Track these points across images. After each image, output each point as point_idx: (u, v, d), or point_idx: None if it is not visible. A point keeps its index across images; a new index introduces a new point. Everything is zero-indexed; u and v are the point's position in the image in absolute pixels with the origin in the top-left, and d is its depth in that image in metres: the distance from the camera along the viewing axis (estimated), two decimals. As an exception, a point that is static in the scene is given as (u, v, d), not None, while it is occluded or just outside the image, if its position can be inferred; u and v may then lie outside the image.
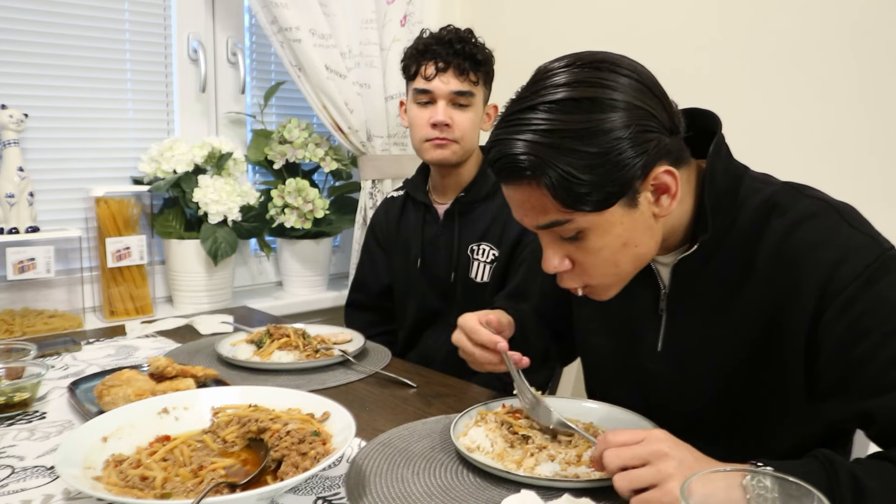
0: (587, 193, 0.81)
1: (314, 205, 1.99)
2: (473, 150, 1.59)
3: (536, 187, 0.83)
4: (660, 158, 0.84)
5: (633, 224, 0.86)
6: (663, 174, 0.84)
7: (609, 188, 0.81)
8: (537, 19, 2.17)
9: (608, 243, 0.86)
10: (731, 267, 0.92)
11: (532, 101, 0.83)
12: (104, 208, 1.74)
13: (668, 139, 0.85)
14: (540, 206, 0.85)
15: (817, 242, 0.85)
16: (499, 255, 1.52)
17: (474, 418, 1.02)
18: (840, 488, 0.74)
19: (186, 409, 0.97)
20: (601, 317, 1.10)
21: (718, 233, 0.91)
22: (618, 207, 0.84)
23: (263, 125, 2.12)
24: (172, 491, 0.78)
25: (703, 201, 0.90)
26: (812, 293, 0.84)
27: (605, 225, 0.85)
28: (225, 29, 2.04)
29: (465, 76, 1.50)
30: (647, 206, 0.86)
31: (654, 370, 1.01)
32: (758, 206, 0.91)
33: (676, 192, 0.86)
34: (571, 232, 0.86)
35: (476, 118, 1.55)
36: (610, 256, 0.87)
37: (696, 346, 0.96)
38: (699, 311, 0.95)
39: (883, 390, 0.80)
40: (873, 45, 1.49)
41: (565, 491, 0.83)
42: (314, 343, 1.41)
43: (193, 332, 1.59)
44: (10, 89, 1.70)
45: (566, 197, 0.81)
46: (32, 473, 0.90)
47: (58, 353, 1.40)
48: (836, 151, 1.55)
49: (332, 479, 0.89)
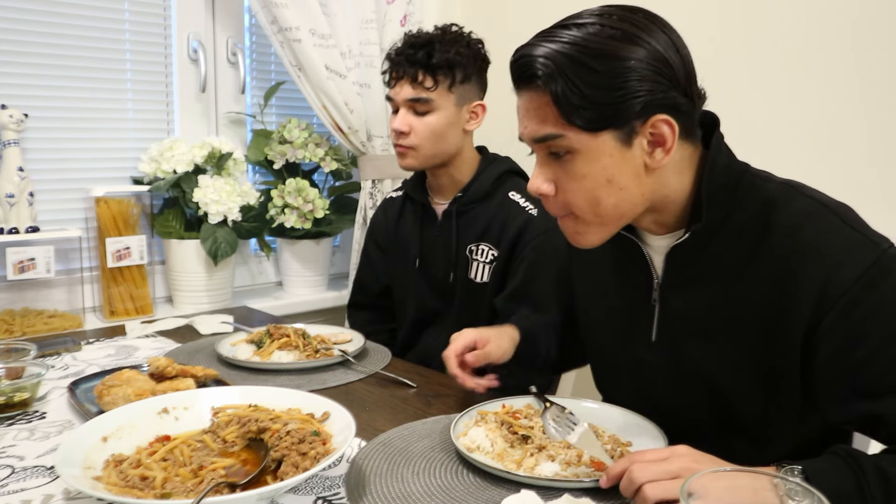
0: (583, 108, 0.84)
1: (314, 205, 1.99)
2: (444, 155, 1.54)
3: (543, 94, 0.86)
4: (665, 109, 0.85)
5: (622, 163, 0.87)
6: (663, 124, 0.86)
7: (605, 110, 0.84)
8: (537, 19, 2.16)
9: (593, 172, 0.88)
10: (727, 261, 0.92)
11: (566, 22, 0.89)
12: (104, 208, 1.74)
13: (681, 98, 0.86)
14: (541, 116, 0.88)
15: (816, 244, 0.85)
16: (498, 255, 1.52)
17: (474, 418, 1.02)
18: (867, 478, 0.76)
19: (186, 409, 0.97)
20: (601, 309, 1.11)
21: (714, 224, 0.91)
22: (610, 138, 0.86)
23: (263, 125, 2.12)
24: (172, 491, 0.78)
25: (700, 190, 0.91)
26: (811, 295, 0.84)
27: (595, 152, 0.87)
28: (225, 29, 2.04)
29: (420, 83, 1.48)
30: (641, 153, 0.87)
31: (650, 361, 1.02)
32: (756, 202, 0.91)
33: (671, 148, 0.87)
34: (562, 149, 0.88)
35: (440, 123, 1.51)
36: (592, 187, 0.88)
37: (688, 337, 0.96)
38: (692, 302, 0.95)
39: (889, 392, 0.81)
40: (873, 45, 1.49)
41: (565, 491, 0.83)
42: (314, 343, 1.42)
43: (193, 332, 1.59)
44: (10, 89, 1.70)
45: (565, 107, 0.84)
46: (32, 473, 0.90)
47: (58, 353, 1.40)
48: (836, 151, 1.55)
49: (332, 479, 0.89)
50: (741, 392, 0.94)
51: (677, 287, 0.97)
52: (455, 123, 1.53)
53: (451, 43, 1.49)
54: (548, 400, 1.06)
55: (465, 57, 1.50)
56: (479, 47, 1.55)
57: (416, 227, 1.64)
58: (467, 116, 1.54)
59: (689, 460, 0.80)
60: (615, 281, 1.07)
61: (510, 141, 2.16)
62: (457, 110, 1.52)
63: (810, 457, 0.81)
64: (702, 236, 0.92)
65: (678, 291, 0.97)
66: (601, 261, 1.09)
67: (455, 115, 1.52)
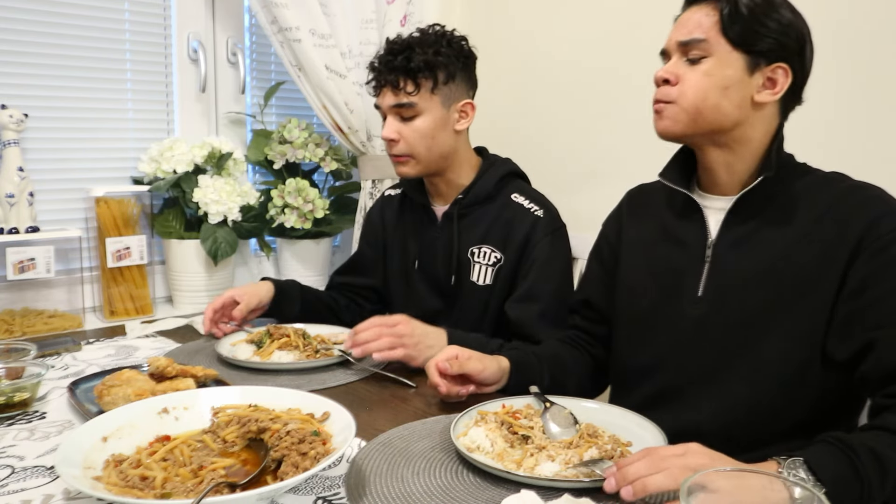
0: (733, 24, 1.03)
1: (314, 205, 1.99)
2: (440, 159, 1.53)
3: (714, 10, 1.05)
4: (789, 61, 1.04)
5: (740, 83, 1.05)
6: (780, 70, 1.04)
7: (751, 36, 1.03)
8: (537, 18, 2.17)
9: (717, 76, 1.05)
10: (781, 218, 1.06)
11: None
12: (104, 208, 1.74)
13: (799, 64, 1.06)
14: (698, 27, 1.06)
15: (867, 202, 1.01)
16: (504, 259, 1.51)
17: (474, 418, 1.02)
18: (861, 460, 0.83)
19: (186, 409, 0.97)
20: (648, 267, 1.20)
21: (776, 184, 1.06)
22: (741, 58, 1.04)
23: (263, 125, 2.13)
24: (172, 491, 0.78)
25: (772, 149, 1.08)
26: (851, 244, 0.99)
27: (726, 62, 1.04)
28: (225, 29, 2.04)
29: (401, 89, 1.47)
30: (756, 85, 1.05)
31: (693, 315, 1.11)
32: (813, 176, 1.09)
33: (779, 92, 1.05)
34: (698, 54, 1.06)
35: (428, 126, 1.49)
36: (708, 87, 1.05)
37: (734, 291, 1.07)
38: (742, 259, 1.07)
39: (889, 325, 0.94)
40: (873, 45, 1.49)
41: (565, 491, 0.83)
42: (314, 343, 1.42)
43: (193, 332, 1.59)
44: (10, 89, 1.70)
45: (726, 19, 1.03)
46: (32, 473, 0.90)
47: (58, 353, 1.40)
48: (836, 151, 1.55)
49: (332, 479, 0.89)
50: (778, 339, 1.03)
51: (730, 244, 1.09)
52: (444, 125, 1.51)
53: (430, 44, 1.47)
54: (548, 400, 1.07)
55: (447, 56, 1.48)
56: (463, 44, 1.53)
57: (415, 227, 1.64)
58: (457, 116, 1.52)
59: (705, 457, 0.82)
60: (667, 246, 1.18)
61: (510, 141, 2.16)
62: (444, 111, 1.50)
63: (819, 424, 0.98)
64: (765, 191, 1.06)
65: (730, 248, 1.09)
66: (654, 231, 1.21)
67: (443, 116, 1.50)
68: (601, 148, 1.99)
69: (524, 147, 2.01)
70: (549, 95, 2.13)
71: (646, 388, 1.16)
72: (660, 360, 1.14)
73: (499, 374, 1.20)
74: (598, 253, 1.34)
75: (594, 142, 2.00)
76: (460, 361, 1.14)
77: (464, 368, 1.14)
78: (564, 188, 2.00)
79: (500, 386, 1.22)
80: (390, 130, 1.50)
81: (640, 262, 1.22)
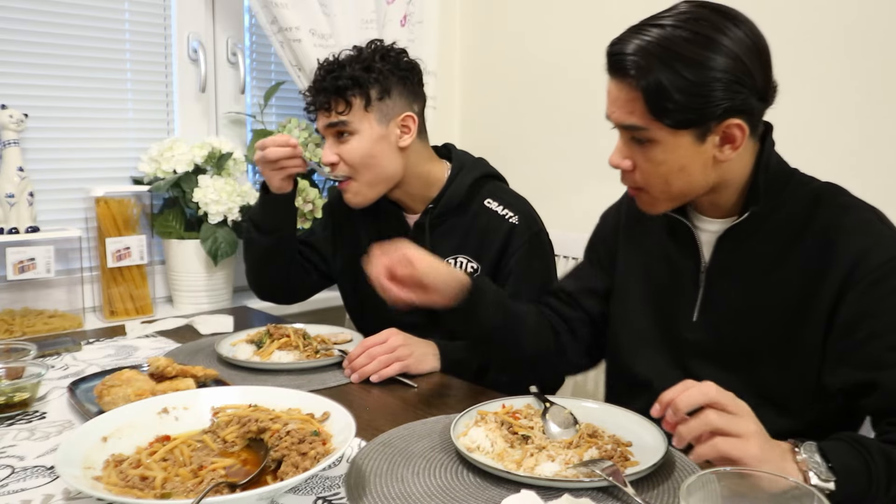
0: (671, 110, 0.94)
1: (314, 205, 1.99)
2: (386, 179, 1.46)
3: (634, 89, 0.96)
4: (740, 113, 0.95)
5: (695, 156, 0.99)
6: (735, 127, 0.96)
7: (690, 114, 0.94)
8: (537, 18, 2.17)
9: (669, 161, 0.99)
10: (773, 245, 1.03)
11: (660, 21, 0.97)
12: (104, 208, 1.74)
13: (755, 102, 0.96)
14: (629, 107, 0.98)
15: (853, 232, 0.98)
16: (480, 269, 1.46)
17: (474, 418, 1.02)
18: (873, 458, 0.84)
19: (186, 409, 0.97)
20: (643, 290, 1.19)
21: (766, 210, 1.03)
22: (689, 135, 0.97)
23: (263, 125, 2.12)
24: (172, 491, 0.78)
25: (757, 178, 1.02)
26: (842, 272, 0.96)
27: (673, 145, 0.98)
28: (225, 29, 2.04)
29: (332, 109, 1.42)
30: (712, 147, 0.98)
31: (690, 339, 1.11)
32: (804, 196, 1.04)
33: (739, 146, 0.98)
34: (645, 138, 0.99)
35: (364, 145, 1.41)
36: (666, 173, 1.01)
37: (729, 317, 1.07)
38: (736, 285, 1.06)
39: (890, 366, 0.93)
40: (873, 45, 1.49)
41: (565, 491, 0.83)
42: (314, 343, 1.41)
43: (193, 332, 1.59)
44: (10, 89, 1.70)
45: (654, 106, 0.95)
46: (32, 473, 0.90)
47: (58, 353, 1.40)
48: (836, 151, 1.55)
49: (332, 479, 0.89)
50: (775, 366, 1.03)
51: (723, 270, 1.08)
52: (383, 142, 1.43)
53: (360, 61, 1.41)
54: (548, 400, 1.07)
55: (380, 72, 1.41)
56: (401, 58, 1.45)
57: (387, 237, 1.56)
58: (398, 132, 1.44)
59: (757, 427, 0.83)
60: (662, 264, 1.16)
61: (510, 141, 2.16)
62: (381, 128, 1.42)
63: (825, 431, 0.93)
64: (755, 221, 1.03)
65: (723, 274, 1.08)
66: (649, 244, 1.19)
67: (380, 133, 1.42)
68: (601, 148, 1.98)
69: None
70: (550, 94, 2.13)
71: (645, 398, 1.14)
72: (657, 377, 1.12)
73: (454, 283, 1.14)
74: (594, 250, 1.32)
75: (591, 141, 2.00)
76: (409, 257, 1.09)
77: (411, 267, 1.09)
78: (561, 187, 2.00)
79: (454, 302, 1.14)
80: (328, 153, 1.44)
81: (637, 273, 1.20)
